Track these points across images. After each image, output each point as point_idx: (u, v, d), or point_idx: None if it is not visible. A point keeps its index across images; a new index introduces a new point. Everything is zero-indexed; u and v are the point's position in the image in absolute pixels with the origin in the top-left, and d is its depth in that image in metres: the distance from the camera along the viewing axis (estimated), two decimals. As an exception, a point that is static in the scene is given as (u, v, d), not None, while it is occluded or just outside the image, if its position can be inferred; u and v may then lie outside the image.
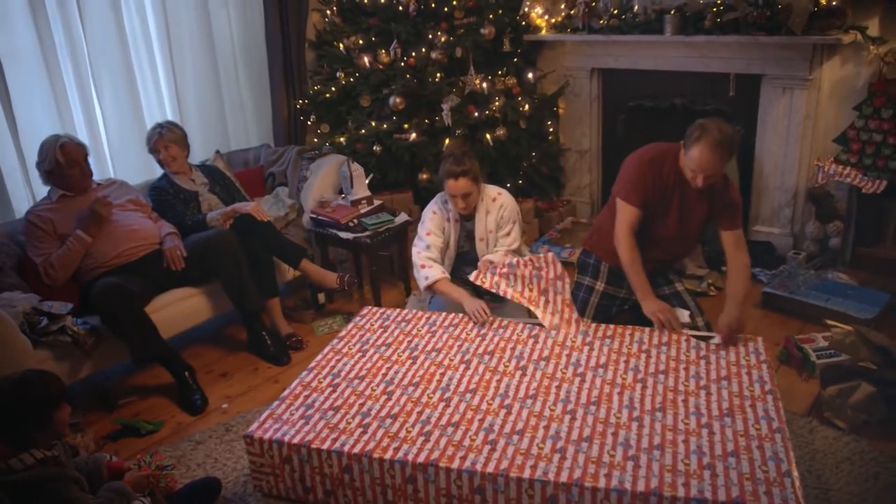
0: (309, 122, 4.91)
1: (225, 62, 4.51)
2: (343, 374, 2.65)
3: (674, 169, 2.84)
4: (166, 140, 3.68)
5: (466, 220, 3.31)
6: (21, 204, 3.60)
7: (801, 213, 4.33)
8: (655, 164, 2.89)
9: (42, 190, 3.50)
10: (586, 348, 2.69)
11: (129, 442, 2.99)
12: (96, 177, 3.52)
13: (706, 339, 2.71)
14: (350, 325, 3.05)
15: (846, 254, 4.12)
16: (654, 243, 2.97)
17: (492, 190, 3.29)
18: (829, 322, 3.39)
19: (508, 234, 3.25)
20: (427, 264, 3.19)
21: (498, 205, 3.25)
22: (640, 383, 2.45)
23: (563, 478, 2.01)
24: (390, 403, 2.44)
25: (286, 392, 2.56)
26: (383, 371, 2.65)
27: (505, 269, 3.04)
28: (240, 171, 4.35)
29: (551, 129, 5.08)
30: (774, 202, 4.38)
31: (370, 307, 3.24)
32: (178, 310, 3.41)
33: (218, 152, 4.29)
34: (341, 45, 4.68)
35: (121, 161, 4.03)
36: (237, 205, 3.69)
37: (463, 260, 3.36)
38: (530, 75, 4.97)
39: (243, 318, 3.58)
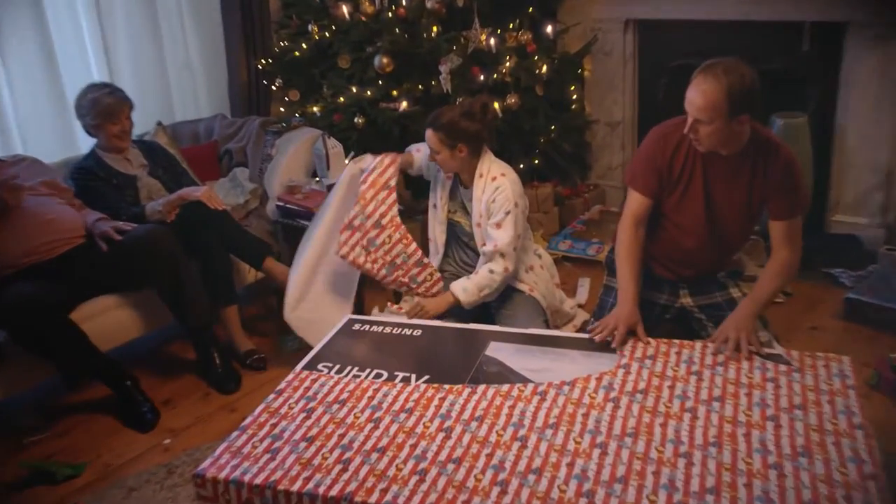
0: (274, 88, 4.92)
1: (167, 12, 4.51)
2: (320, 397, 2.63)
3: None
4: (128, 108, 3.67)
5: (465, 187, 3.33)
6: None
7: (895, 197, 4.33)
8: (671, 137, 2.85)
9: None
10: (621, 370, 2.65)
11: (40, 492, 2.96)
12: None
13: (777, 359, 2.67)
14: (327, 339, 3.03)
15: (957, 248, 4.10)
16: (684, 240, 2.95)
17: (497, 168, 3.26)
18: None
19: (499, 225, 3.20)
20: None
21: (492, 188, 3.22)
22: (688, 412, 2.40)
23: (592, 531, 1.97)
24: (377, 434, 2.41)
25: (249, 420, 2.53)
26: (370, 394, 2.62)
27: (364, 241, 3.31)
28: (188, 147, 4.35)
29: (575, 97, 5.08)
30: (861, 185, 4.36)
31: (349, 316, 3.22)
32: (107, 322, 3.40)
33: (159, 124, 4.29)
34: (314, -9, 4.70)
35: (31, 134, 4.02)
36: (184, 190, 3.66)
37: (453, 234, 3.41)
38: (549, 29, 4.94)
39: (189, 333, 3.57)
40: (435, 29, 4.49)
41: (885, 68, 4.11)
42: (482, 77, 4.52)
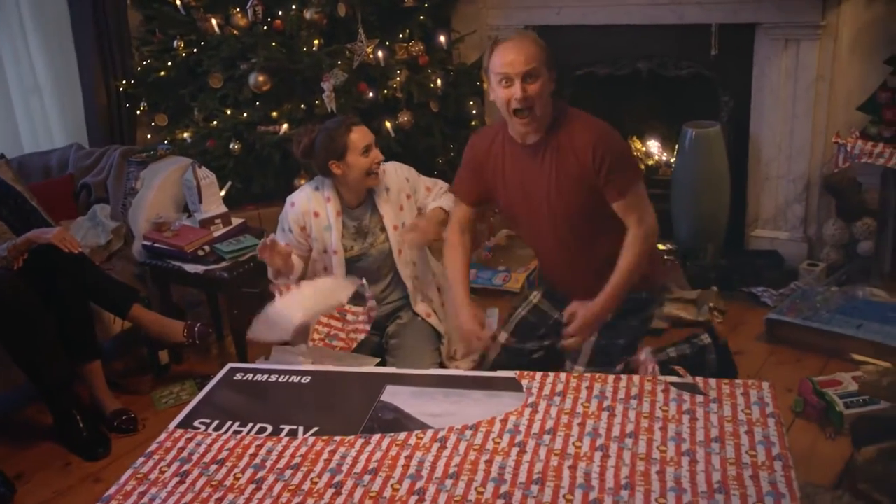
0: (138, 112, 4.87)
1: (6, 28, 4.44)
2: (195, 458, 2.58)
3: (504, 131, 2.92)
4: None
5: (355, 210, 3.37)
6: None
7: (816, 209, 4.47)
8: (485, 135, 3.04)
9: None
10: (528, 410, 2.69)
11: None
12: None
13: (691, 389, 2.74)
14: (205, 391, 3.00)
15: (882, 262, 4.23)
16: (537, 248, 3.08)
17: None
18: (859, 357, 3.46)
19: (429, 188, 3.43)
20: None
21: (392, 173, 3.39)
22: (599, 451, 2.43)
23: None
24: (260, 495, 2.37)
25: (113, 489, 2.48)
26: (252, 451, 2.59)
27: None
28: (38, 182, 4.28)
29: (474, 112, 5.14)
30: (779, 197, 4.50)
31: (231, 364, 3.19)
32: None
33: (2, 157, 4.20)
34: (178, 2, 4.66)
35: None
36: (33, 233, 3.58)
37: (358, 271, 3.39)
38: (442, 39, 5.03)
39: (43, 395, 3.49)
40: (316, 42, 4.52)
41: (797, 72, 4.27)
42: (370, 94, 4.55)
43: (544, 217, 2.93)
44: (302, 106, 4.51)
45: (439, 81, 4.81)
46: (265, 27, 4.50)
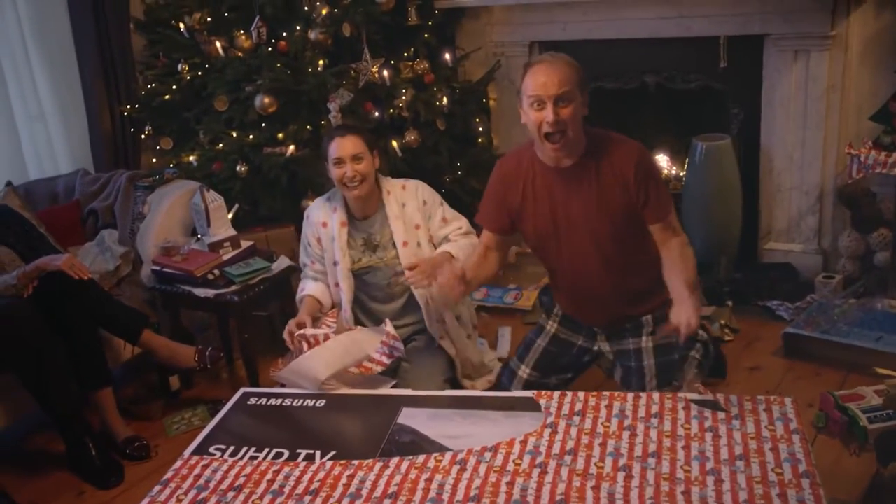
0: (143, 136, 4.87)
1: (10, 54, 4.45)
2: (212, 485, 2.58)
3: (531, 154, 2.90)
4: None
5: (363, 221, 3.36)
6: None
7: (830, 221, 4.46)
8: (509, 160, 3.00)
9: None
10: (547, 430, 2.67)
11: None
12: None
13: (712, 405, 2.73)
14: (219, 417, 2.99)
15: (901, 272, 4.23)
16: (567, 270, 2.99)
17: (396, 182, 3.42)
18: (883, 371, 3.43)
19: (446, 219, 3.39)
20: (303, 280, 3.49)
21: (412, 191, 3.39)
22: (622, 472, 2.42)
23: None
24: (279, 524, 2.38)
25: (128, 519, 2.48)
26: (269, 477, 2.58)
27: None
28: (45, 209, 4.28)
29: (481, 129, 5.14)
30: (792, 209, 4.50)
31: (244, 389, 3.18)
32: (-42, 416, 3.31)
33: (9, 184, 4.21)
34: (182, 26, 4.66)
35: None
36: (42, 260, 3.58)
37: (367, 285, 3.40)
38: (448, 56, 5.03)
39: (55, 423, 3.47)
40: (321, 62, 4.51)
41: (807, 83, 4.27)
42: (377, 113, 4.55)
43: (580, 242, 2.91)
44: (308, 127, 4.50)
45: (445, 99, 4.80)
46: (270, 49, 4.50)
